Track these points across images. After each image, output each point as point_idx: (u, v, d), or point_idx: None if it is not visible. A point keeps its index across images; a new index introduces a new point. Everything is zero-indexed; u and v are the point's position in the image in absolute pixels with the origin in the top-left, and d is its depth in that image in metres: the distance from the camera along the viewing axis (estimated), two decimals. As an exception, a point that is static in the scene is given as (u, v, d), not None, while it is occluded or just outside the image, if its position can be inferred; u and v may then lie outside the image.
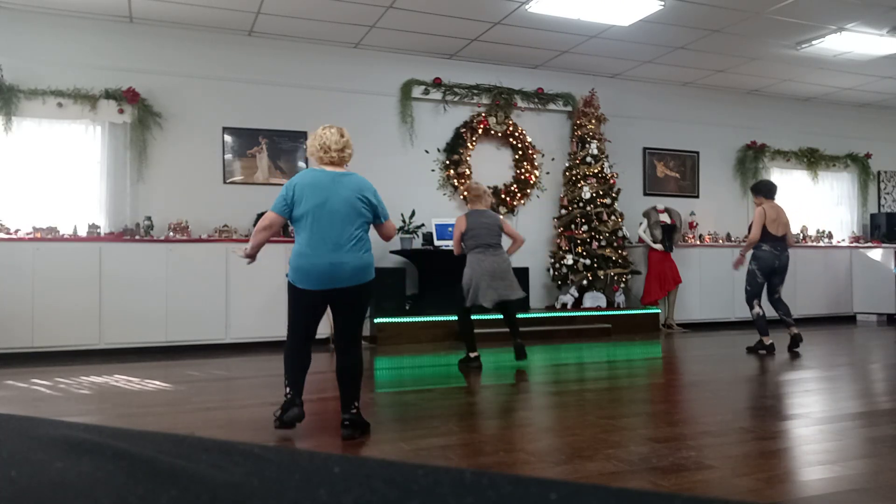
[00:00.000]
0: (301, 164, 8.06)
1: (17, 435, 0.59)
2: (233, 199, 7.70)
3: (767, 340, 6.61)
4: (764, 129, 10.65)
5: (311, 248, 3.34)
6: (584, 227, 8.71)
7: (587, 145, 8.93)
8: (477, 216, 5.73)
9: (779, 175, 10.77)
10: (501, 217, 5.94)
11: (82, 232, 6.95)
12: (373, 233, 3.62)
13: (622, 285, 8.85)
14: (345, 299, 3.44)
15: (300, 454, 0.56)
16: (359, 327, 3.56)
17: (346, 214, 3.38)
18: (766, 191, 6.88)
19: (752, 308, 6.71)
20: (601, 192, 8.79)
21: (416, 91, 8.57)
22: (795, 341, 6.68)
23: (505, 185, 8.99)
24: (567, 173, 9.06)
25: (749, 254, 6.82)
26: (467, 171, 8.71)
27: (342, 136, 3.54)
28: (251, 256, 3.67)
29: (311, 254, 3.34)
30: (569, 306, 8.65)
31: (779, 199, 10.52)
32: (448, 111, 8.77)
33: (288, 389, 3.47)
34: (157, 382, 5.15)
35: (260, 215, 7.57)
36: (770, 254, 6.62)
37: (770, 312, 6.84)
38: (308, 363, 3.55)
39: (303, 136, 8.05)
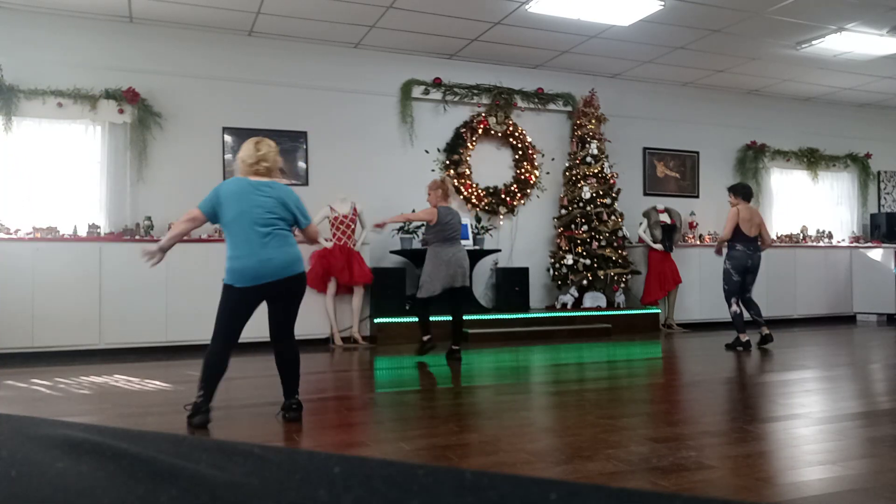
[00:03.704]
0: (301, 164, 8.06)
1: (17, 435, 0.59)
2: (233, 199, 7.69)
3: (744, 337, 6.93)
4: (764, 129, 10.65)
5: (240, 251, 3.55)
6: (584, 227, 8.71)
7: (587, 145, 8.92)
8: (446, 212, 5.89)
9: (779, 175, 10.79)
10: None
11: (82, 232, 6.95)
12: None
13: (622, 285, 8.85)
14: (278, 292, 3.62)
15: (300, 454, 0.56)
16: (293, 320, 3.76)
17: (265, 218, 3.57)
18: (743, 193, 7.13)
19: (730, 306, 7.05)
20: (601, 192, 8.79)
21: (416, 91, 8.57)
22: (765, 340, 7.01)
23: (505, 185, 8.98)
24: (567, 173, 9.06)
25: (725, 250, 7.11)
26: (467, 171, 8.70)
27: (258, 150, 3.68)
28: (164, 250, 3.67)
29: (241, 255, 3.55)
30: (569, 306, 8.65)
31: (779, 199, 10.74)
32: (448, 111, 8.77)
33: (201, 393, 3.56)
34: (157, 382, 5.15)
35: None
36: (743, 254, 6.92)
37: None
38: (225, 370, 3.63)
39: (303, 136, 8.06)
